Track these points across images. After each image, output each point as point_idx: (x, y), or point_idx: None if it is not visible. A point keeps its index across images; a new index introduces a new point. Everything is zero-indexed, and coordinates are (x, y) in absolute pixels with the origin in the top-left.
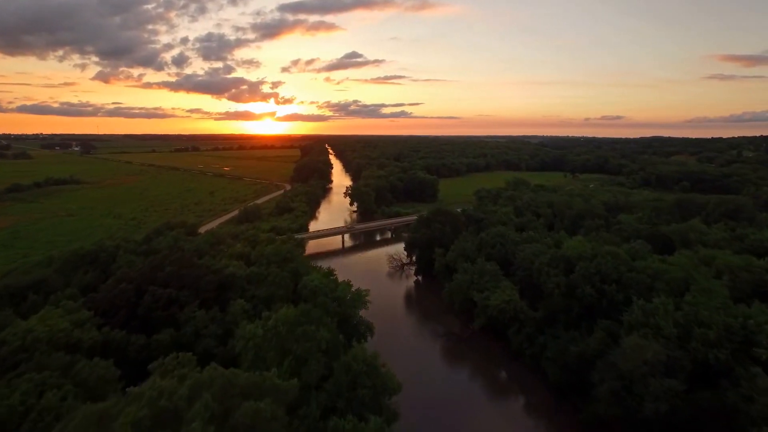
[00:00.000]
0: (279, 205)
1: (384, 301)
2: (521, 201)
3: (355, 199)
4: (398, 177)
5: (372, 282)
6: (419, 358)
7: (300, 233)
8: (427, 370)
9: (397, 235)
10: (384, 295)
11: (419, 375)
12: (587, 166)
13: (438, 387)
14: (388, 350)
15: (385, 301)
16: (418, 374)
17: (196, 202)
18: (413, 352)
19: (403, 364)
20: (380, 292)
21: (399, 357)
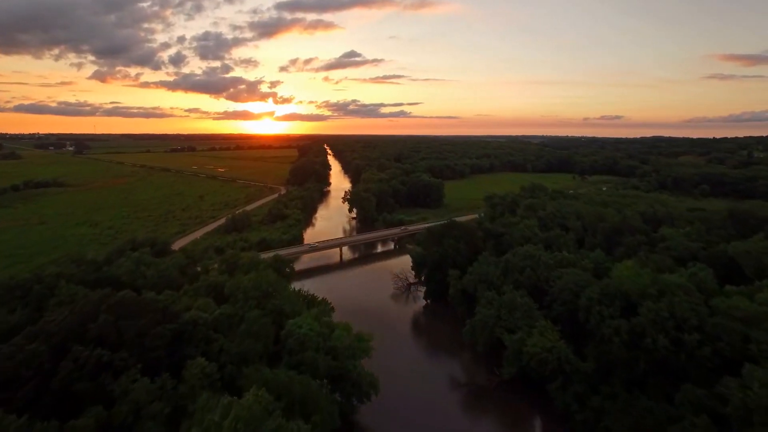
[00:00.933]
0: (271, 212)
1: (389, 333)
2: (544, 211)
3: (354, 205)
4: (401, 180)
5: (374, 307)
6: (434, 417)
7: (292, 247)
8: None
9: (401, 246)
10: (388, 324)
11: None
12: (595, 167)
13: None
14: (393, 404)
15: (391, 332)
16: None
17: (183, 207)
18: (426, 409)
19: (414, 424)
20: (383, 320)
21: (408, 414)
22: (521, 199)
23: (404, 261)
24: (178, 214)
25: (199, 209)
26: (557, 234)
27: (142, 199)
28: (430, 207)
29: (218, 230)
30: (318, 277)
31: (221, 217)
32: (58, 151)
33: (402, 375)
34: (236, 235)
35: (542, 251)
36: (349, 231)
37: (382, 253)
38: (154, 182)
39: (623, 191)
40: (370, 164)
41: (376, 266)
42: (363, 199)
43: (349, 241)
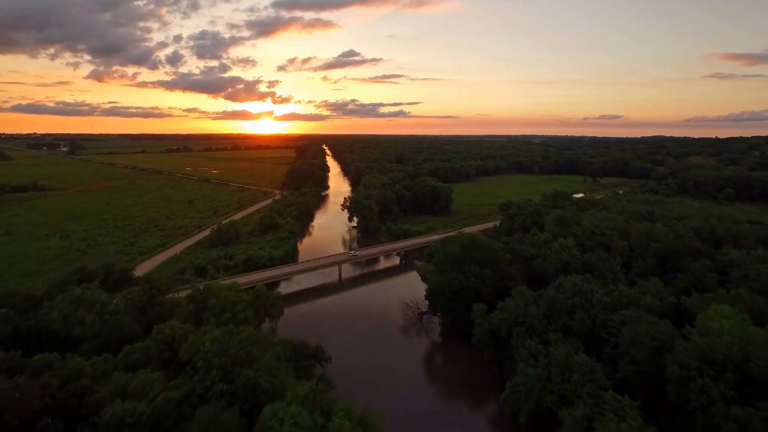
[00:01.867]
0: (263, 221)
1: (397, 380)
2: (580, 227)
3: (354, 214)
4: (405, 185)
5: (379, 342)
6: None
7: (284, 266)
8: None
9: (407, 261)
10: (396, 368)
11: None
12: (605, 169)
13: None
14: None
15: (399, 380)
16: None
17: (168, 214)
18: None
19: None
20: (390, 361)
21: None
22: (544, 208)
23: (411, 279)
24: (161, 223)
25: (185, 217)
26: (600, 257)
27: (126, 205)
28: (437, 214)
29: (203, 243)
30: (313, 300)
31: (208, 227)
32: (51, 151)
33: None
34: (222, 249)
35: (594, 284)
36: (350, 241)
37: (387, 270)
38: (143, 185)
39: (642, 195)
40: (371, 166)
41: (381, 286)
42: (364, 208)
43: (349, 258)
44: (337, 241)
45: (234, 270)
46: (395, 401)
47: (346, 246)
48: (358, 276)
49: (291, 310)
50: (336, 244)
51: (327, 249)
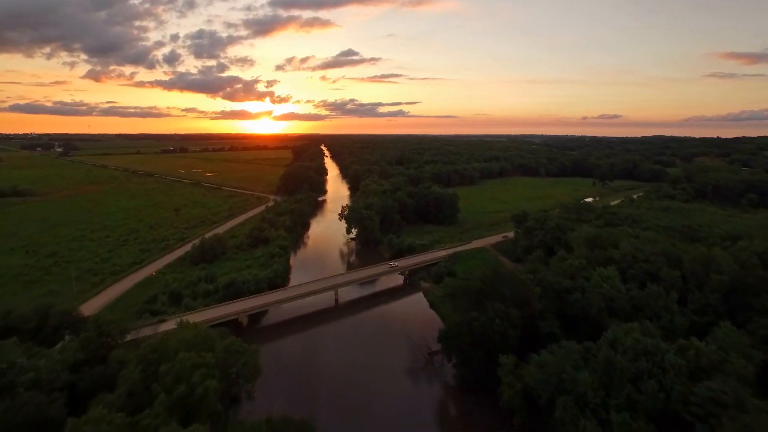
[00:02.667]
0: (252, 234)
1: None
2: (619, 251)
3: (353, 225)
4: (407, 192)
5: (381, 390)
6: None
7: (272, 292)
8: None
9: (412, 281)
10: (403, 427)
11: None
12: (614, 171)
13: None
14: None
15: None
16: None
17: (152, 224)
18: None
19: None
20: (395, 418)
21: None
22: (567, 223)
23: (417, 303)
24: (143, 234)
25: (170, 227)
26: (652, 293)
27: (109, 212)
28: (443, 223)
29: (184, 259)
30: (304, 331)
31: (193, 239)
32: (44, 152)
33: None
34: (204, 268)
35: (664, 344)
36: (348, 255)
37: (390, 291)
38: (131, 189)
39: (660, 202)
40: (370, 170)
41: (383, 312)
42: (364, 219)
43: (346, 281)
44: (335, 257)
45: (214, 296)
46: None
47: (345, 259)
48: (357, 299)
49: (276, 346)
50: (333, 260)
51: (323, 266)
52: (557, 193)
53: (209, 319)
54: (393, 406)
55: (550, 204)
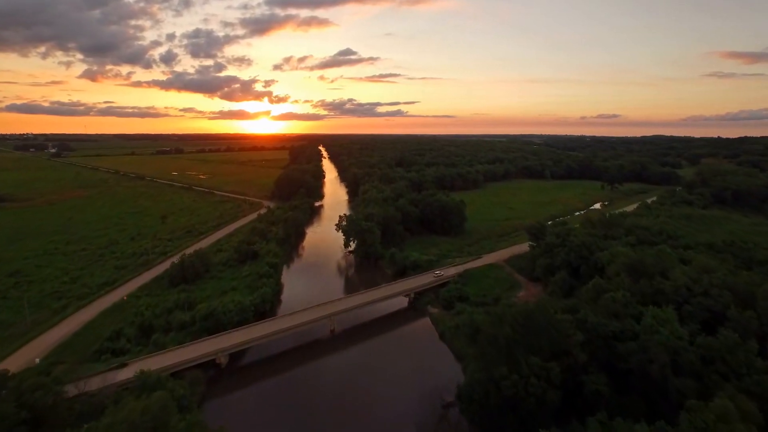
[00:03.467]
0: (240, 248)
1: None
2: (672, 283)
3: (352, 237)
4: (410, 199)
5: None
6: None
7: (258, 323)
8: None
9: (419, 305)
10: None
11: None
12: (622, 173)
13: None
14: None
15: None
16: None
17: (135, 234)
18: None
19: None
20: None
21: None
22: (594, 239)
23: (425, 332)
24: (122, 246)
25: (153, 238)
26: (727, 341)
27: (90, 221)
28: (449, 234)
29: (162, 279)
30: (294, 369)
31: (176, 253)
32: (37, 153)
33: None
34: (183, 290)
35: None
36: (346, 271)
37: (393, 317)
38: (118, 194)
39: (679, 209)
40: (370, 173)
41: (386, 344)
42: (364, 231)
43: (344, 309)
44: (331, 273)
45: (191, 329)
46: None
47: (341, 273)
48: (356, 327)
49: (259, 390)
50: (330, 278)
51: (318, 285)
52: (566, 197)
53: (181, 362)
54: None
55: (559, 210)
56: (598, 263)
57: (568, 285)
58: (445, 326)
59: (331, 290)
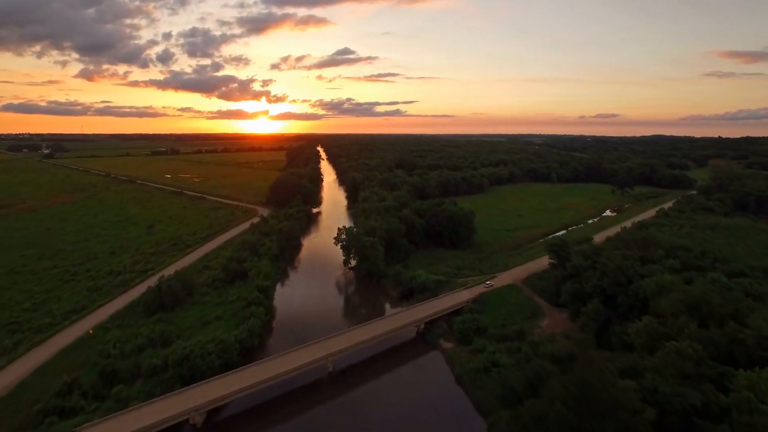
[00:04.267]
0: (229, 266)
1: None
2: (751, 332)
3: (352, 254)
4: (415, 208)
5: None
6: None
7: (237, 373)
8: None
9: (429, 336)
10: None
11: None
12: (632, 176)
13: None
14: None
15: None
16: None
17: (114, 249)
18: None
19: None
20: None
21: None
22: (630, 262)
23: (436, 369)
24: (100, 262)
25: (134, 252)
26: None
27: (71, 231)
28: (457, 247)
29: (138, 305)
30: (283, 423)
31: (157, 272)
32: (30, 154)
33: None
34: (159, 320)
35: None
36: (345, 289)
37: (398, 350)
38: (106, 200)
39: (703, 217)
40: (369, 177)
41: (392, 387)
42: (366, 247)
43: (344, 347)
44: (330, 297)
45: (163, 376)
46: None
47: (340, 291)
48: (357, 365)
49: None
50: (328, 303)
51: (315, 311)
52: (576, 202)
53: (145, 427)
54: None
55: (571, 217)
56: (639, 293)
57: (603, 317)
58: (463, 368)
59: (330, 316)
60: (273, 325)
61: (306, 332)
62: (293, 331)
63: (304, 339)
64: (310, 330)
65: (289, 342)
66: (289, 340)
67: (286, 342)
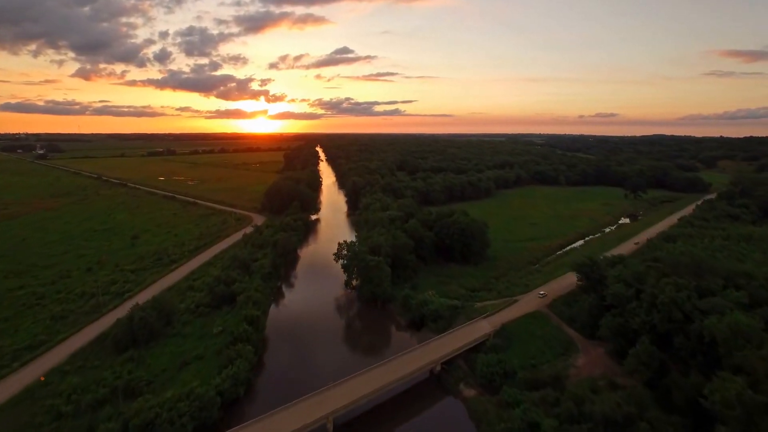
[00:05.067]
0: (215, 289)
1: None
2: None
3: (354, 274)
4: (422, 219)
5: None
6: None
7: None
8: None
9: (446, 379)
10: None
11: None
12: (643, 179)
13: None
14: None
15: None
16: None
17: (91, 264)
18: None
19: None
20: None
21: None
22: (687, 294)
23: (456, 423)
24: (73, 281)
25: (113, 269)
26: None
27: (49, 241)
28: (469, 261)
29: (106, 338)
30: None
31: (135, 294)
32: (23, 155)
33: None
34: (129, 358)
35: None
36: (347, 315)
37: (411, 398)
38: (93, 205)
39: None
40: (371, 183)
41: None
42: (370, 268)
43: (348, 402)
44: (330, 325)
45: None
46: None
47: (344, 332)
48: (361, 419)
49: None
50: (328, 334)
51: (313, 345)
52: (589, 209)
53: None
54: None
55: (586, 225)
56: (704, 335)
57: (658, 362)
58: (493, 429)
59: (331, 351)
60: (264, 361)
61: (302, 374)
62: (287, 375)
63: (299, 382)
64: (306, 371)
65: (281, 386)
66: (282, 385)
67: (279, 387)
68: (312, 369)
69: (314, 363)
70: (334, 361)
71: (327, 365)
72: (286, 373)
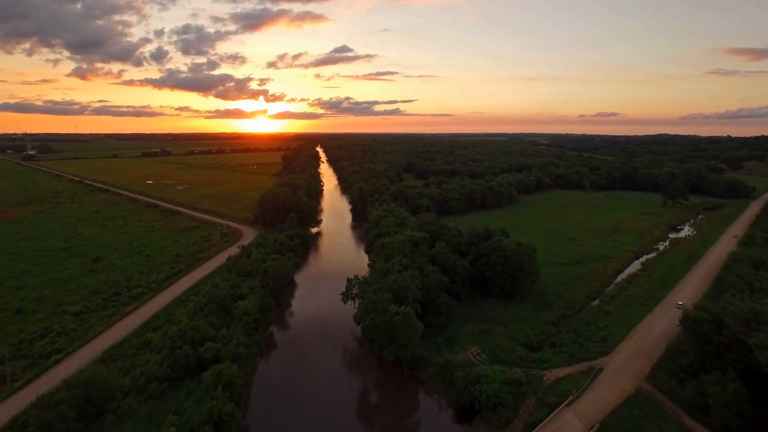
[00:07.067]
0: (178, 353)
1: None
2: None
3: (371, 331)
4: (456, 245)
5: None
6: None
7: None
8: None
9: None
10: None
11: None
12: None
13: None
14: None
15: None
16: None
17: (24, 304)
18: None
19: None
20: None
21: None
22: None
23: None
24: (13, 325)
25: (54, 309)
26: None
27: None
28: (512, 297)
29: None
30: None
31: (66, 358)
32: (11, 156)
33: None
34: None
35: None
36: (362, 390)
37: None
38: (62, 216)
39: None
40: (379, 189)
41: None
42: (394, 325)
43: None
44: (338, 411)
45: None
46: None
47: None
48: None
49: None
50: (337, 427)
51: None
52: (629, 219)
53: None
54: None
55: (634, 241)
56: None
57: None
58: None
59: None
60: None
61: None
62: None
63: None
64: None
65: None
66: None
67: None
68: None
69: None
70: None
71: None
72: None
